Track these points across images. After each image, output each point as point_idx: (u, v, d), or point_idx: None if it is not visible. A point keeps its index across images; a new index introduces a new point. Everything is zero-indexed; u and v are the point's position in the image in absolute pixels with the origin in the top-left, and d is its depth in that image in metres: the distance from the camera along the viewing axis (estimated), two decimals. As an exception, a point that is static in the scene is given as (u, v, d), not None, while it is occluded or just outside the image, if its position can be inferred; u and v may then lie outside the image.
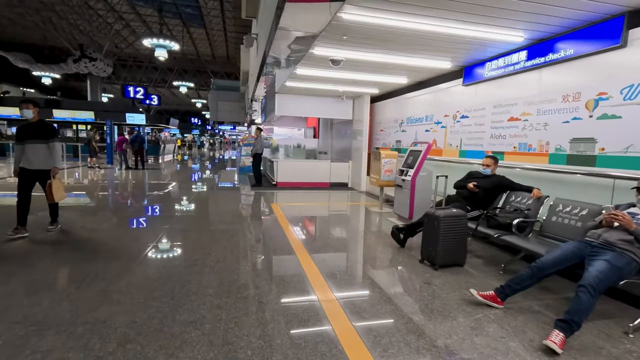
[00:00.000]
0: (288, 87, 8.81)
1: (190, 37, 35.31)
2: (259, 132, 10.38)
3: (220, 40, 36.62)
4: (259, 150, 10.26)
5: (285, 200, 8.24)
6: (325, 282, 3.43)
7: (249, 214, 6.83)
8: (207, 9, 29.51)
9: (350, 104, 10.60)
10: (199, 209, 6.98)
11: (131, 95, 21.28)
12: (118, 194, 8.80)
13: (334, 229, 5.84)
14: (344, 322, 2.67)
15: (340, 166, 10.77)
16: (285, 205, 7.46)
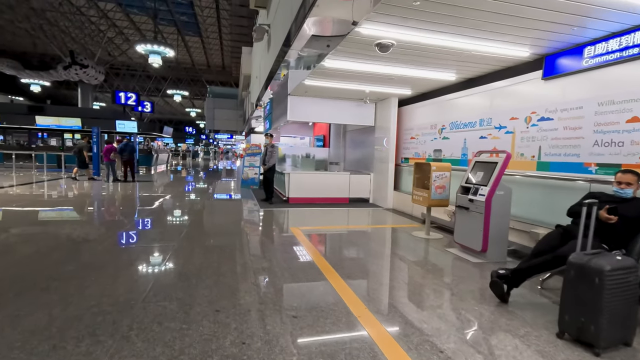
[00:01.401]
0: (307, 86, 7.32)
1: (185, 45, 33.97)
2: (272, 139, 8.80)
3: (215, 48, 35.34)
4: (275, 161, 8.72)
5: (305, 222, 6.68)
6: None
7: (268, 246, 5.24)
8: (203, 17, 28.21)
9: (372, 108, 9.14)
10: (202, 239, 5.37)
11: (122, 102, 19.61)
12: (96, 215, 7.13)
13: (399, 274, 4.29)
14: None
15: (360, 179, 9.25)
16: (308, 231, 5.90)
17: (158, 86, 42.67)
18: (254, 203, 8.88)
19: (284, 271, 3.84)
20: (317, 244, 5.08)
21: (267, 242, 5.20)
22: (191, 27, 30.07)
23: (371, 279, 3.81)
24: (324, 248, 4.92)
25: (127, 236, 5.14)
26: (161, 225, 6.09)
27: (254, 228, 6.16)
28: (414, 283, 3.72)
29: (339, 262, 4.20)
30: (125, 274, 3.65)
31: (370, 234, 6.02)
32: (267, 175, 8.48)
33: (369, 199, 9.37)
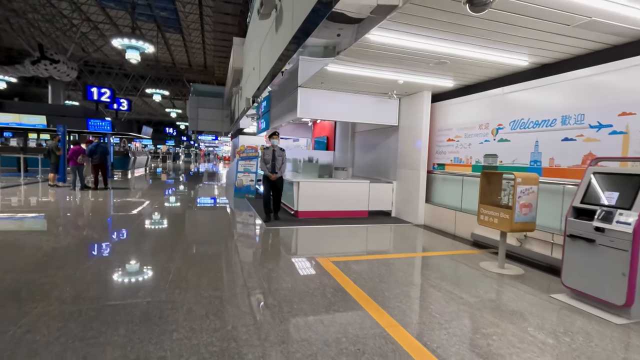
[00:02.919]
0: (328, 73, 5.73)
1: (166, 42, 31.84)
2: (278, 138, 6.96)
3: (197, 47, 33.39)
4: (285, 168, 6.99)
5: (331, 248, 5.04)
6: None
7: (302, 301, 3.56)
8: (185, 13, 26.23)
9: (395, 105, 7.63)
10: (198, 287, 3.66)
11: (95, 98, 17.35)
12: (39, 244, 5.26)
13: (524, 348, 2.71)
14: None
15: (380, 189, 7.70)
16: (343, 264, 4.29)
17: (136, 85, 40.26)
18: (256, 219, 7.17)
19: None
20: (365, 287, 3.47)
21: (298, 292, 3.54)
22: (172, 23, 28.06)
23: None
24: (381, 298, 3.32)
25: (83, 281, 3.38)
26: (139, 258, 4.33)
27: (269, 263, 4.47)
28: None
29: (423, 330, 2.61)
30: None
31: (431, 268, 4.44)
32: (277, 185, 6.73)
33: (390, 212, 7.83)
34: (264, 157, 6.64)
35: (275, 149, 6.73)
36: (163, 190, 12.38)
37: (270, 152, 6.68)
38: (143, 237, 5.27)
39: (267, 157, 6.63)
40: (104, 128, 16.31)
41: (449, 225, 6.30)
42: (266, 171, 6.60)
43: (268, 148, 6.75)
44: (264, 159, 6.63)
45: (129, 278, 3.53)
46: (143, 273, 3.67)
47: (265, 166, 6.59)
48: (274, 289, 3.35)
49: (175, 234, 5.57)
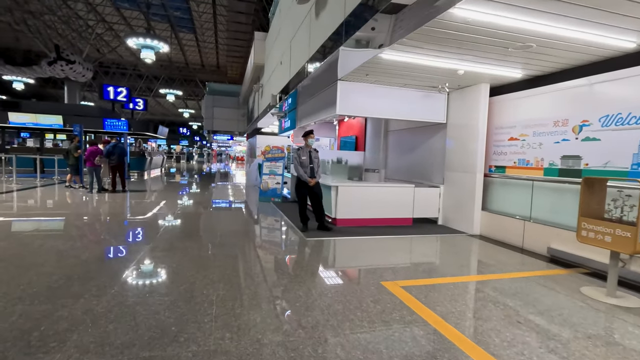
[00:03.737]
0: (383, 61, 4.94)
1: (179, 42, 31.48)
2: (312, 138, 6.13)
3: (210, 47, 32.97)
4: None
5: (390, 267, 4.25)
6: None
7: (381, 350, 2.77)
8: (199, 12, 25.75)
9: (443, 100, 6.80)
10: (250, 319, 2.90)
11: (111, 97, 16.85)
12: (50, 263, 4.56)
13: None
14: None
15: (426, 194, 6.88)
16: (416, 289, 3.51)
17: (150, 85, 40.15)
18: (290, 227, 6.42)
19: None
20: (463, 327, 2.68)
21: (383, 339, 2.75)
22: (185, 23, 27.65)
23: None
24: (493, 346, 2.52)
25: (108, 317, 2.66)
26: (171, 281, 3.60)
27: (329, 292, 3.69)
28: None
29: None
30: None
31: (523, 296, 3.60)
32: (316, 191, 5.96)
33: (436, 220, 7.01)
34: (301, 160, 5.83)
35: (311, 150, 5.95)
36: (182, 192, 11.73)
37: (306, 153, 5.89)
38: (171, 252, 4.55)
39: (304, 160, 5.83)
40: (121, 128, 15.78)
41: (514, 237, 5.46)
42: (304, 176, 5.79)
43: (302, 149, 5.95)
44: (301, 161, 5.83)
45: (162, 314, 2.79)
46: (178, 308, 2.93)
47: (303, 170, 5.80)
48: (349, 337, 2.57)
49: (206, 248, 4.83)
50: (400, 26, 3.90)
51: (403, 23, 3.84)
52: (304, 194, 5.94)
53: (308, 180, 5.79)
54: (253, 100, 16.14)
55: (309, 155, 5.90)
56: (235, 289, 3.31)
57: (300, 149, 5.95)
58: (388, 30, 4.15)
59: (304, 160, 5.84)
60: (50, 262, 3.87)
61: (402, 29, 3.88)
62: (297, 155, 5.87)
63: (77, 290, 3.14)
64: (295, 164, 5.87)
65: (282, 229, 6.43)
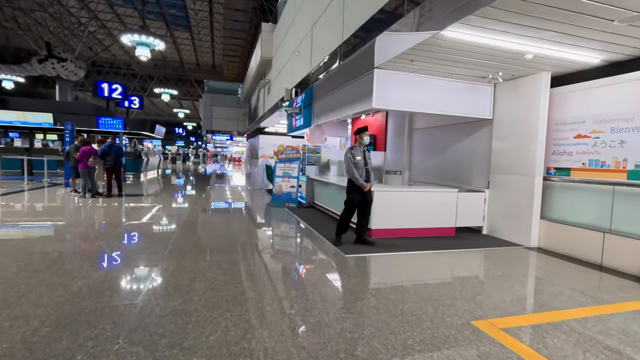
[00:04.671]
0: (444, 39, 4.04)
1: (174, 41, 30.44)
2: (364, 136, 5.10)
3: (206, 45, 32.00)
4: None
5: (469, 298, 3.34)
6: None
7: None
8: (195, 10, 24.77)
9: (489, 93, 5.93)
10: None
11: (105, 94, 15.73)
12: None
13: None
14: None
15: (469, 200, 6.00)
16: (520, 332, 2.62)
17: (144, 85, 39.05)
18: (317, 240, 5.47)
19: None
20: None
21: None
22: (181, 21, 26.65)
23: None
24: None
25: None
26: (194, 318, 2.66)
27: (394, 328, 2.76)
28: None
29: None
30: None
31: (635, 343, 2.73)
32: (368, 199, 5.00)
33: (480, 229, 6.13)
34: (355, 160, 4.87)
35: (364, 150, 5.04)
36: (184, 197, 10.71)
37: (361, 152, 4.95)
38: (186, 279, 3.58)
39: (359, 160, 4.88)
40: (116, 127, 14.68)
41: (588, 252, 4.60)
42: (360, 180, 4.84)
43: (356, 148, 4.99)
44: (355, 162, 4.87)
45: None
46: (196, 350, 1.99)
47: (357, 172, 4.84)
48: None
49: (229, 272, 3.88)
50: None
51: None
52: (357, 202, 4.98)
53: (363, 185, 4.86)
54: (257, 97, 15.17)
55: (364, 155, 4.98)
56: (287, 339, 2.36)
57: (353, 148, 4.98)
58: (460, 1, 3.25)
59: (359, 161, 4.88)
60: (29, 299, 2.88)
61: None
62: (350, 155, 4.90)
63: (66, 346, 2.17)
64: (349, 166, 4.87)
65: (310, 242, 5.48)
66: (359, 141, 5.02)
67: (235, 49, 30.00)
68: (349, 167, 4.86)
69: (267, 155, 16.07)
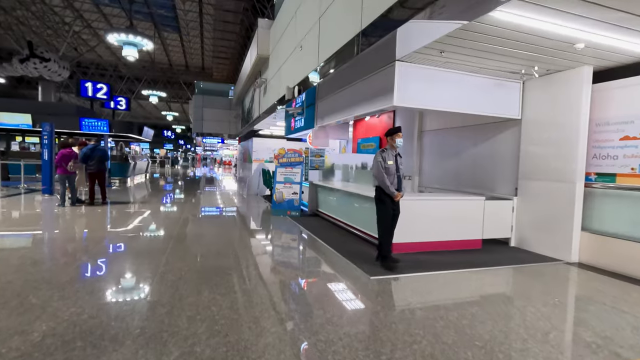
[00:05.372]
0: (495, 21, 3.41)
1: (163, 42, 29.52)
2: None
3: (196, 46, 31.17)
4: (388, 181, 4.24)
5: (582, 353, 2.68)
6: None
7: None
8: (184, 11, 23.93)
9: (517, 90, 5.34)
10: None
11: (89, 94, 14.74)
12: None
13: None
14: None
15: (496, 208, 5.38)
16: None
17: (131, 87, 37.89)
18: (331, 256, 4.76)
19: None
20: None
21: None
22: (169, 21, 25.76)
23: None
24: None
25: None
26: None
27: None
28: None
29: None
30: None
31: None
32: (397, 210, 4.30)
33: (508, 240, 5.52)
34: (386, 165, 4.16)
35: (398, 153, 4.33)
36: (175, 204, 9.87)
37: (392, 157, 4.23)
38: (185, 315, 2.84)
39: (390, 166, 4.17)
40: (100, 128, 13.71)
41: (633, 267, 4.01)
42: (390, 188, 4.13)
43: (387, 151, 4.26)
44: (386, 167, 4.15)
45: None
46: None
47: (387, 178, 4.14)
48: None
49: (238, 300, 3.15)
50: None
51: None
52: (389, 214, 4.23)
53: (394, 194, 4.15)
54: (251, 98, 14.42)
55: (395, 160, 4.26)
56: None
57: (384, 151, 4.25)
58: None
59: (390, 166, 4.16)
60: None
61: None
62: (381, 159, 4.17)
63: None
64: (379, 171, 4.14)
65: (325, 260, 4.76)
66: (391, 143, 4.30)
67: (225, 51, 29.19)
68: (378, 172, 4.15)
69: (261, 159, 15.30)
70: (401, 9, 3.53)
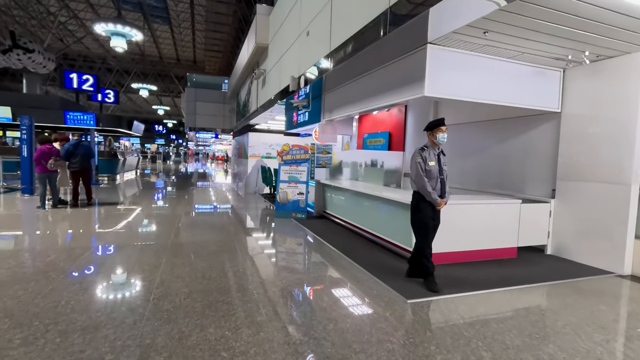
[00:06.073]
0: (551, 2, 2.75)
1: (153, 34, 28.43)
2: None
3: (187, 39, 30.18)
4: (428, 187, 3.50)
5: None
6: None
7: None
8: (174, 1, 22.97)
9: (556, 80, 4.72)
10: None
11: (74, 86, 13.75)
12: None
13: None
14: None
15: (531, 213, 4.77)
16: None
17: (120, 80, 36.69)
18: (352, 270, 4.10)
19: None
20: None
21: None
22: (160, 12, 24.69)
23: None
24: None
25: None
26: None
27: None
28: None
29: None
30: None
31: None
32: (435, 223, 3.58)
33: (544, 248, 4.93)
34: (427, 167, 3.43)
35: (441, 151, 3.59)
36: (169, 204, 9.10)
37: (434, 156, 3.49)
38: (177, 354, 2.15)
39: (432, 167, 3.43)
40: (87, 122, 12.78)
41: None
42: (433, 194, 3.40)
43: (428, 149, 3.50)
44: (427, 169, 3.43)
45: None
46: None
47: (428, 183, 3.40)
48: None
49: (244, 338, 2.48)
50: None
51: None
52: (428, 223, 3.50)
53: (436, 201, 3.43)
54: (248, 91, 13.61)
55: (438, 160, 3.52)
56: None
57: (425, 149, 3.49)
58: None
59: (432, 167, 3.44)
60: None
61: None
62: (420, 160, 3.42)
63: None
64: (419, 175, 3.41)
65: (347, 276, 4.09)
66: (432, 140, 3.54)
67: (218, 44, 28.20)
68: (418, 176, 3.42)
69: (258, 155, 14.54)
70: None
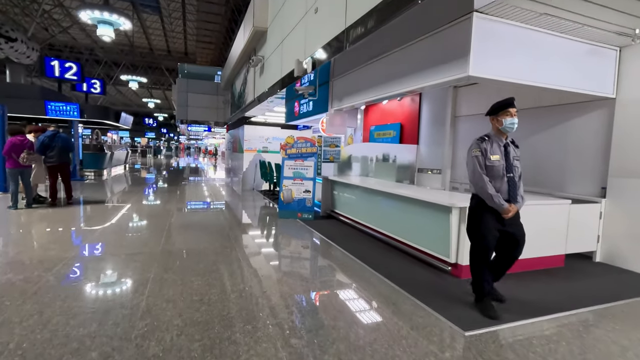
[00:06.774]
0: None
1: (142, 24, 27.24)
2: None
3: (178, 29, 29.05)
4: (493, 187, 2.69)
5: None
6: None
7: None
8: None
9: (611, 61, 4.04)
10: None
11: (56, 75, 12.73)
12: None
13: None
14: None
15: (580, 215, 4.11)
16: None
17: (109, 72, 35.35)
18: (381, 285, 3.40)
19: None
20: None
21: None
22: (149, 1, 23.54)
23: None
24: None
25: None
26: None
27: None
28: None
29: None
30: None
31: None
32: (510, 231, 2.67)
33: (592, 255, 4.28)
34: (488, 162, 2.64)
35: (508, 142, 2.76)
36: (159, 202, 8.27)
37: (499, 149, 2.69)
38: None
39: (495, 163, 2.63)
40: (70, 114, 11.80)
41: None
42: (497, 198, 2.58)
43: (491, 139, 2.70)
44: (490, 165, 2.64)
45: None
46: None
47: (489, 183, 2.60)
48: None
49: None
50: None
51: None
52: (492, 235, 2.67)
53: (502, 207, 2.60)
54: (243, 81, 12.74)
55: (505, 152, 2.71)
56: None
57: (485, 140, 2.68)
58: None
59: (496, 163, 2.64)
60: None
61: None
62: (479, 153, 2.63)
63: None
64: (476, 173, 2.64)
65: (382, 301, 3.37)
66: (496, 126, 2.72)
67: (209, 35, 27.11)
68: (475, 175, 2.63)
69: (254, 149, 13.73)
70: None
